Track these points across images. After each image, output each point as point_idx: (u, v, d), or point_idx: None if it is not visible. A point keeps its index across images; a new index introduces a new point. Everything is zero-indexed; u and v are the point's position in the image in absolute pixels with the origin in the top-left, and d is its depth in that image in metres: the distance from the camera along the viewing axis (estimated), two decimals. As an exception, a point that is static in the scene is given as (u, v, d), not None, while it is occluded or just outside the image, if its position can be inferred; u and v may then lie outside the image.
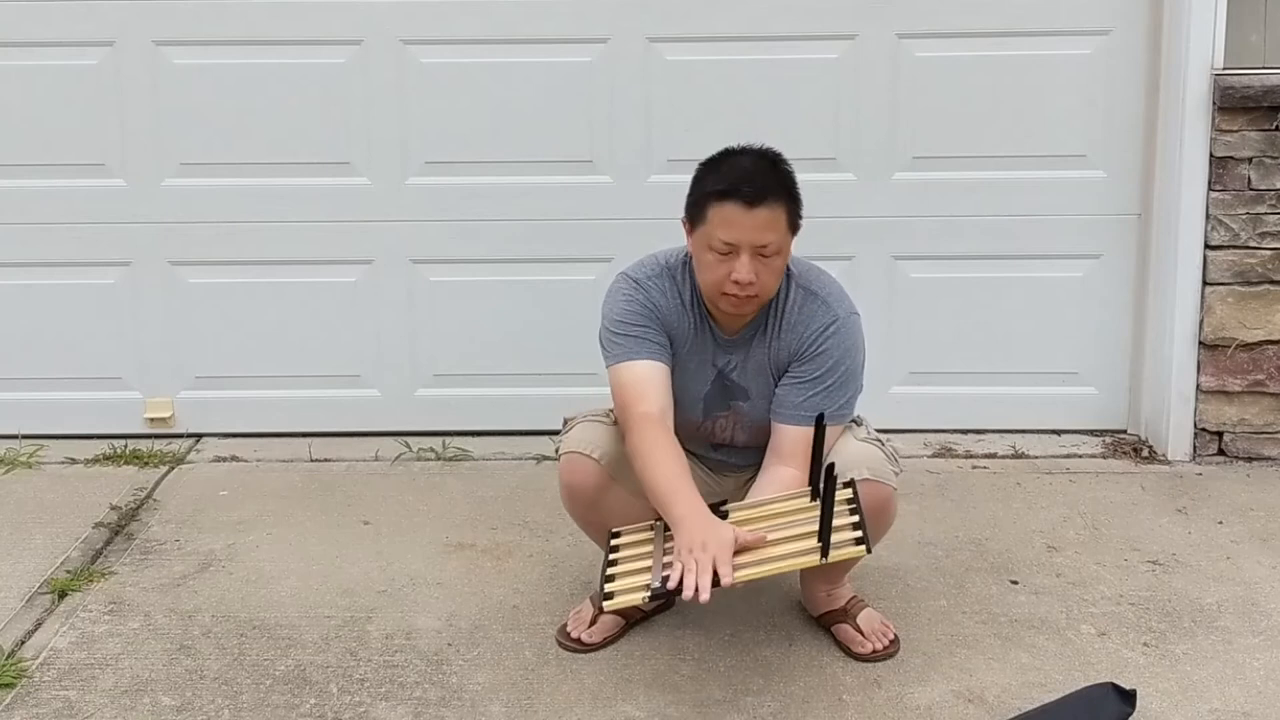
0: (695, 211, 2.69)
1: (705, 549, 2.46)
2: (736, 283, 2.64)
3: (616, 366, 2.76)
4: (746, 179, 2.63)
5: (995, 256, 4.06)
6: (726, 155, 2.73)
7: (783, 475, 2.74)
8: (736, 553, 2.49)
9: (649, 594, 2.52)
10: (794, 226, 2.69)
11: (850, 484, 2.68)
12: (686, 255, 2.80)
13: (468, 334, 4.13)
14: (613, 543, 2.73)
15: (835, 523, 2.52)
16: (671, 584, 2.45)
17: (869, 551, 2.54)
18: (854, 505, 2.62)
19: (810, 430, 2.74)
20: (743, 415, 2.85)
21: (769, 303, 2.76)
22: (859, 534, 2.53)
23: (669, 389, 2.75)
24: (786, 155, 2.74)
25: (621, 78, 3.97)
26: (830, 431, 2.77)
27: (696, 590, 2.41)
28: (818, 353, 2.76)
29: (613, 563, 2.66)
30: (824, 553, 2.48)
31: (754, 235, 2.62)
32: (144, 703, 2.71)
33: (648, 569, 2.59)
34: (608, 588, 2.58)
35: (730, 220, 2.62)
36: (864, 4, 3.93)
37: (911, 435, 4.01)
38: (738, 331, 2.79)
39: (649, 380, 2.72)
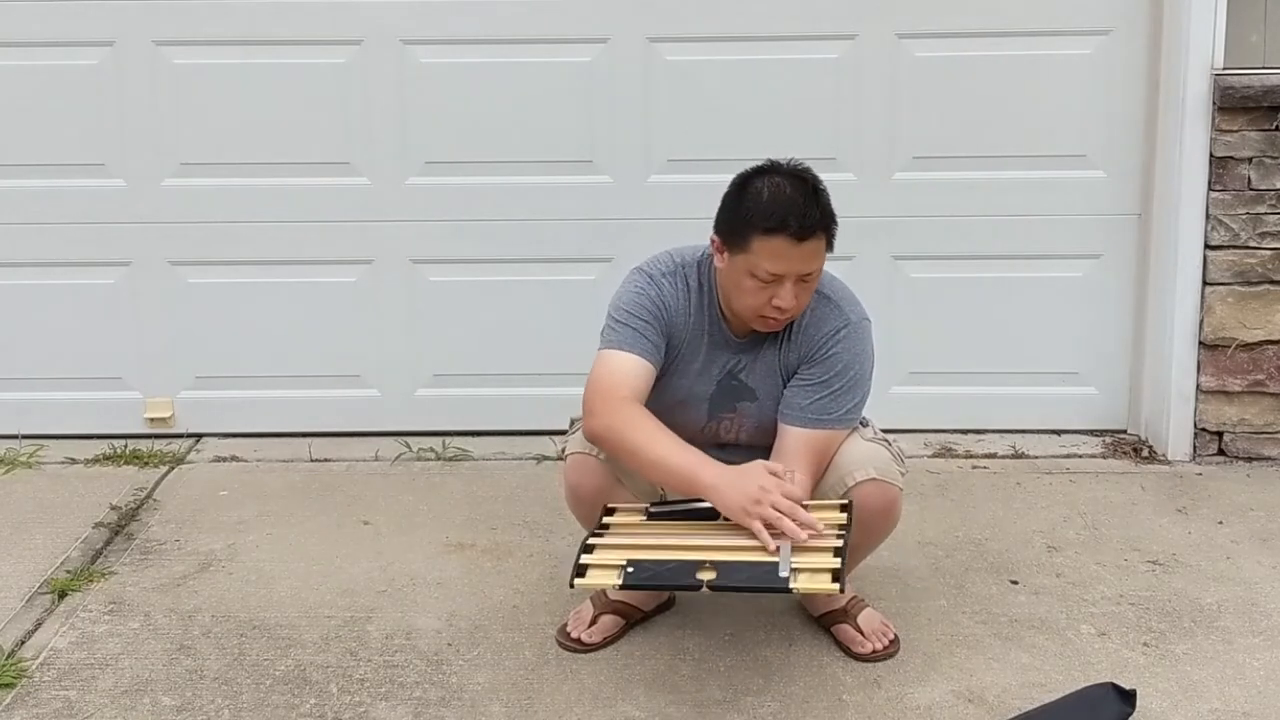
0: (735, 239, 2.66)
1: (767, 495, 2.52)
2: (778, 308, 2.64)
3: (607, 351, 2.75)
4: (796, 213, 2.59)
5: (995, 256, 4.06)
6: (763, 176, 2.67)
7: None
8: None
9: (620, 582, 2.49)
10: (831, 248, 2.69)
11: (848, 507, 2.66)
12: (702, 255, 2.80)
13: (468, 334, 4.13)
14: (604, 520, 2.68)
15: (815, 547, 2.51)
16: (772, 545, 2.48)
17: (841, 591, 2.48)
18: (843, 535, 2.57)
19: (816, 433, 2.74)
20: (749, 416, 2.84)
21: None
22: (837, 566, 2.47)
23: (647, 389, 2.74)
24: (786, 155, 2.73)
25: (621, 78, 3.97)
26: (835, 435, 2.77)
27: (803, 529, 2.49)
28: (827, 356, 2.76)
29: (598, 535, 2.61)
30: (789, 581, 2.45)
31: (801, 266, 2.62)
32: (144, 703, 2.71)
33: (630, 546, 2.55)
34: (584, 559, 2.52)
35: (779, 254, 2.60)
36: (864, 4, 3.93)
37: (912, 435, 4.01)
38: (749, 333, 2.79)
39: (634, 374, 2.72)
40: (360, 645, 2.93)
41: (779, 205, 2.61)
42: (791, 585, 2.45)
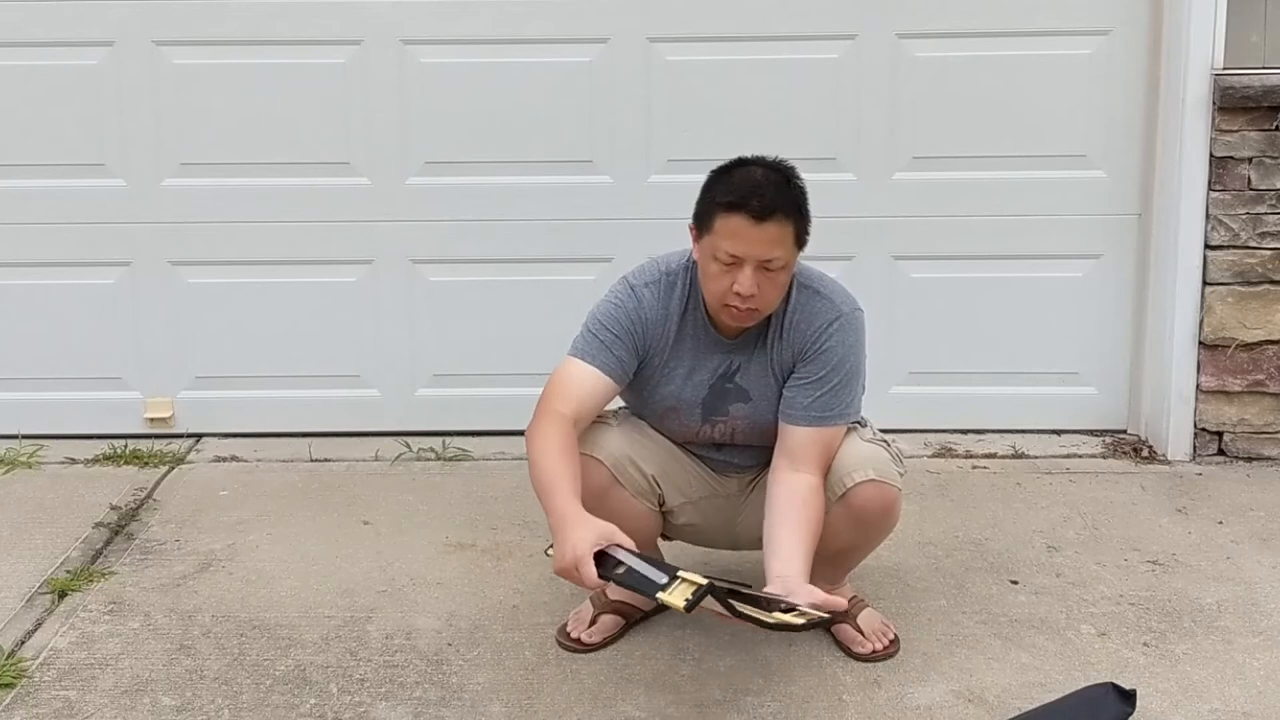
0: (702, 220, 2.67)
1: (577, 571, 2.44)
2: (738, 294, 2.63)
3: (571, 358, 2.77)
4: (756, 193, 2.60)
5: (995, 256, 4.06)
6: (738, 165, 2.70)
7: (798, 487, 2.69)
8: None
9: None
10: (801, 242, 2.67)
11: (796, 620, 2.47)
12: (689, 260, 2.79)
13: (468, 334, 4.13)
14: None
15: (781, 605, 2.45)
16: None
17: (687, 611, 2.36)
18: (751, 597, 2.45)
19: (820, 430, 2.73)
20: (743, 418, 2.83)
21: None
22: (701, 585, 2.36)
23: (598, 402, 2.75)
24: (786, 155, 2.72)
25: (621, 78, 3.97)
26: (839, 430, 2.77)
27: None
28: (821, 350, 2.75)
29: None
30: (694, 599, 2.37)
31: (760, 250, 2.60)
32: (144, 703, 2.71)
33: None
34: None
35: (736, 233, 2.60)
36: (864, 4, 3.93)
37: (912, 435, 4.01)
38: (740, 334, 2.79)
39: (585, 387, 2.72)
40: (360, 645, 2.93)
41: (743, 185, 2.62)
42: (658, 594, 2.38)
